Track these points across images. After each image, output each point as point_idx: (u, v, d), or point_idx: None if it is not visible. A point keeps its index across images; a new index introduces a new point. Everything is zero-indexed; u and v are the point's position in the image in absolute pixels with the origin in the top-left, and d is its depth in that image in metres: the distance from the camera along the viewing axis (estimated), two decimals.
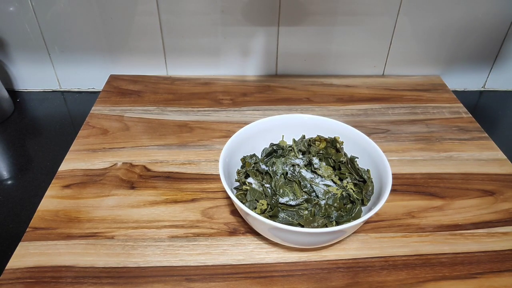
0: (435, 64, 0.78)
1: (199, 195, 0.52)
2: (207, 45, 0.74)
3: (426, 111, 0.69)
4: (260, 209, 0.44)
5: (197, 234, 0.47)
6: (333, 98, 0.72)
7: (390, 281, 0.43)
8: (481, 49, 0.76)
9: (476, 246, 0.47)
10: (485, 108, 0.76)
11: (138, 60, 0.76)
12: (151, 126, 0.64)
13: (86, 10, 0.69)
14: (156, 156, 0.58)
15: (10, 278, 0.42)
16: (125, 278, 0.42)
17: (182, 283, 0.42)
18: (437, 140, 0.63)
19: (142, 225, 0.48)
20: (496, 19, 0.72)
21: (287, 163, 0.49)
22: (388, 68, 0.79)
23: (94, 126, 0.64)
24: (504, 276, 0.44)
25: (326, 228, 0.41)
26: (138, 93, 0.72)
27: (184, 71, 0.78)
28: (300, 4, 0.69)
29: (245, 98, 0.72)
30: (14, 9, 0.67)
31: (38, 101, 0.74)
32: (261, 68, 0.78)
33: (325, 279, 0.43)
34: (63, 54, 0.74)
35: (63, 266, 0.43)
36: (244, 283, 0.42)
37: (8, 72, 0.75)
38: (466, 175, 0.57)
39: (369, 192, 0.46)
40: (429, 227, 0.49)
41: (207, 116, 0.67)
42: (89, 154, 0.59)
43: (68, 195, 0.52)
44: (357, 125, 0.55)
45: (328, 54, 0.76)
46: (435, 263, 0.45)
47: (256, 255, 0.45)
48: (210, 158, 0.58)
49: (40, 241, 0.46)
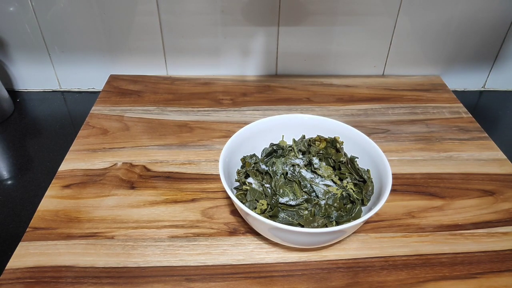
0: (435, 64, 0.78)
1: (199, 195, 0.52)
2: (207, 45, 0.74)
3: (426, 111, 0.69)
4: (260, 209, 0.44)
5: (197, 234, 0.47)
6: (333, 98, 0.72)
7: (390, 281, 0.43)
8: (481, 49, 0.76)
9: (476, 246, 0.47)
10: (485, 108, 0.76)
11: (138, 60, 0.76)
12: (151, 126, 0.64)
13: (86, 10, 0.69)
14: (156, 156, 0.58)
15: (10, 278, 0.42)
16: (125, 278, 0.42)
17: (182, 283, 0.42)
18: (437, 140, 0.63)
19: (142, 225, 0.48)
20: (496, 19, 0.72)
21: (287, 163, 0.49)
22: (388, 68, 0.79)
23: (94, 126, 0.64)
24: (504, 276, 0.44)
25: (326, 228, 0.41)
26: (138, 93, 0.72)
27: (184, 71, 0.78)
28: (300, 4, 0.69)
29: (245, 98, 0.72)
30: (14, 9, 0.67)
31: (38, 101, 0.74)
32: (261, 68, 0.78)
33: (325, 279, 0.43)
34: (63, 54, 0.74)
35: (63, 266, 0.43)
36: (244, 283, 0.42)
37: (8, 72, 0.75)
38: (466, 175, 0.57)
39: (369, 192, 0.46)
40: (429, 227, 0.49)
41: (207, 116, 0.67)
42: (89, 154, 0.59)
43: (68, 195, 0.52)
44: (357, 125, 0.55)
45: (328, 54, 0.76)
46: (435, 263, 0.45)
47: (256, 255, 0.45)
48: (210, 158, 0.58)
49: (40, 241, 0.46)
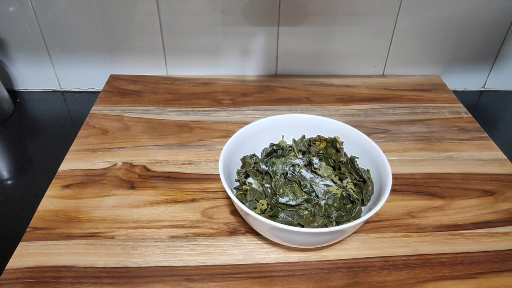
0: (435, 64, 0.78)
1: (199, 195, 0.52)
2: (207, 45, 0.74)
3: (426, 111, 0.69)
4: (260, 209, 0.44)
5: (197, 234, 0.47)
6: (333, 98, 0.72)
7: (390, 281, 0.43)
8: (481, 49, 0.76)
9: (476, 246, 0.47)
10: (485, 108, 0.76)
11: (138, 60, 0.76)
12: (151, 126, 0.64)
13: (86, 10, 0.69)
14: (156, 156, 0.58)
15: (10, 278, 0.42)
16: (125, 278, 0.42)
17: (182, 283, 0.42)
18: (437, 140, 0.63)
19: (142, 225, 0.48)
20: (496, 18, 0.72)
21: (287, 163, 0.49)
22: (388, 68, 0.79)
23: (94, 126, 0.64)
24: (504, 276, 0.44)
25: (326, 228, 0.41)
26: (138, 93, 0.72)
27: (184, 71, 0.78)
28: (300, 4, 0.69)
29: (245, 98, 0.72)
30: (14, 9, 0.67)
31: (38, 101, 0.74)
32: (261, 68, 0.78)
33: (325, 279, 0.43)
34: (63, 54, 0.74)
35: (63, 266, 0.43)
36: (244, 283, 0.42)
37: (8, 72, 0.75)
38: (466, 175, 0.57)
39: (369, 192, 0.46)
40: (429, 227, 0.49)
41: (207, 116, 0.67)
42: (89, 154, 0.59)
43: (68, 195, 0.52)
44: (357, 125, 0.55)
45: (328, 54, 0.76)
46: (435, 263, 0.45)
47: (256, 255, 0.45)
48: (210, 158, 0.58)
49: (40, 241, 0.46)
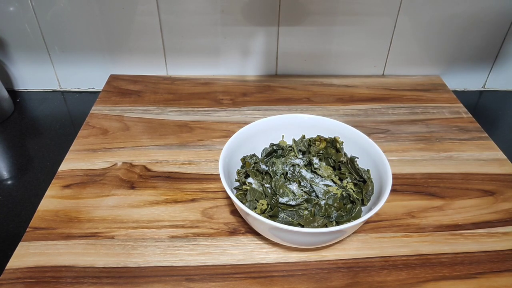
0: (435, 64, 0.78)
1: (199, 195, 0.52)
2: (207, 45, 0.74)
3: (426, 111, 0.69)
4: (260, 209, 0.44)
5: (197, 234, 0.47)
6: (333, 98, 0.72)
7: (390, 281, 0.43)
8: (481, 49, 0.76)
9: (476, 246, 0.47)
10: (485, 108, 0.76)
11: (138, 60, 0.76)
12: (151, 126, 0.64)
13: (86, 10, 0.69)
14: (156, 156, 0.58)
15: (10, 278, 0.42)
16: (125, 278, 0.42)
17: (182, 283, 0.42)
18: (437, 140, 0.63)
19: (142, 225, 0.48)
20: (496, 19, 0.72)
21: (287, 163, 0.49)
22: (388, 68, 0.79)
23: (94, 126, 0.64)
24: (504, 276, 0.44)
25: (326, 228, 0.41)
26: (138, 93, 0.72)
27: (184, 71, 0.78)
28: (300, 4, 0.69)
29: (245, 98, 0.72)
30: (14, 9, 0.67)
31: (38, 101, 0.74)
32: (261, 68, 0.78)
33: (325, 279, 0.43)
34: (63, 54, 0.74)
35: (63, 266, 0.43)
36: (244, 283, 0.42)
37: (8, 72, 0.75)
38: (466, 175, 0.57)
39: (369, 192, 0.46)
40: (429, 227, 0.49)
41: (207, 116, 0.67)
42: (89, 154, 0.59)
43: (68, 195, 0.52)
44: (357, 125, 0.55)
45: (328, 54, 0.76)
46: (435, 263, 0.45)
47: (256, 255, 0.45)
48: (210, 158, 0.58)
49: (40, 241, 0.46)
